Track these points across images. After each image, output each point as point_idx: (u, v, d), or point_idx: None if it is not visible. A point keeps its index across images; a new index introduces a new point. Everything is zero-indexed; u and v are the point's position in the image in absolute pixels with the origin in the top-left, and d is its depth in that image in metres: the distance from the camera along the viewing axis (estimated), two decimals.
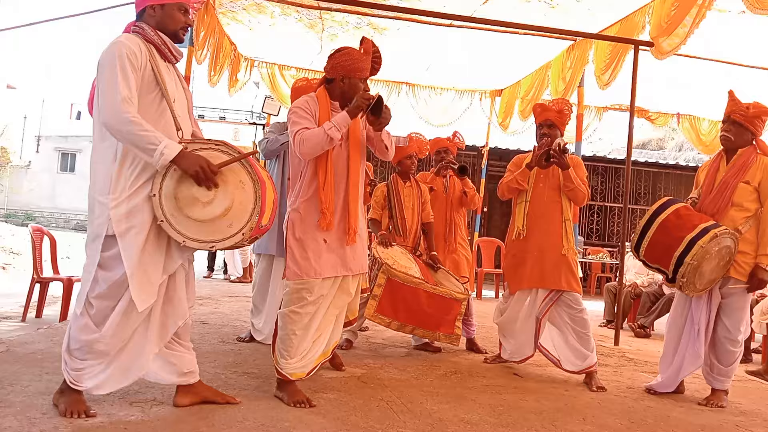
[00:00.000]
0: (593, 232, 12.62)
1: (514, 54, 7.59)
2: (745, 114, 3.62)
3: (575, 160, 4.12)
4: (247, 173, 2.61)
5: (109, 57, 2.51)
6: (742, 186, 3.56)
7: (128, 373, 2.63)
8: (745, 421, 3.33)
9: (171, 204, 2.55)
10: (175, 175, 2.55)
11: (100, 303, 2.54)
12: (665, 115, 9.58)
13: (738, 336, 3.62)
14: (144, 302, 2.54)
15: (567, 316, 3.95)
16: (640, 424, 3.12)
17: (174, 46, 2.71)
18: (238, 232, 2.59)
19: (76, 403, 2.55)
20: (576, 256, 4.06)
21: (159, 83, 2.61)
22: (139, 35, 2.62)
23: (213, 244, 2.60)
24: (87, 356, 2.55)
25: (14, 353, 3.47)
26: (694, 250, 3.37)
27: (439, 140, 5.10)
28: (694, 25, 4.97)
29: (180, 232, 2.55)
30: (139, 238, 2.53)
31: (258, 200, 2.60)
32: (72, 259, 10.42)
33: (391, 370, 3.88)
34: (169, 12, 2.67)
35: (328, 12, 6.65)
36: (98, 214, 2.55)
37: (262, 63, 8.78)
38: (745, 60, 6.82)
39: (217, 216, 2.56)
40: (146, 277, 2.55)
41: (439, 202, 4.91)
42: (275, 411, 2.80)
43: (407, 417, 2.89)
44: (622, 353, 5.23)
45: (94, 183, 2.61)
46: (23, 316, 5.18)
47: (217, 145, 2.62)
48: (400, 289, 4.07)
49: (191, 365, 2.79)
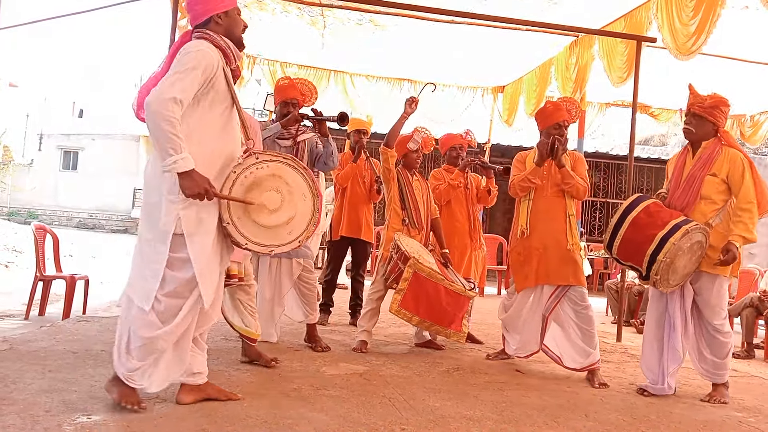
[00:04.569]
0: (595, 228, 12.61)
1: (517, 50, 7.57)
2: (702, 105, 3.65)
3: (576, 157, 4.13)
4: (309, 187, 2.80)
5: (188, 59, 2.54)
6: (710, 179, 3.56)
7: (171, 371, 2.69)
8: (748, 417, 3.33)
9: (239, 208, 2.68)
10: (246, 182, 2.67)
11: (169, 301, 2.59)
12: (668, 111, 9.54)
13: (725, 326, 3.62)
14: (210, 299, 2.63)
15: (572, 312, 3.94)
16: (642, 421, 3.12)
17: (236, 49, 2.74)
18: (295, 240, 2.78)
19: (130, 393, 2.60)
20: (581, 251, 4.06)
21: (231, 91, 2.69)
22: (208, 41, 2.64)
23: (272, 249, 2.77)
24: (147, 355, 2.60)
25: (17, 351, 3.48)
26: (667, 248, 3.37)
27: (452, 136, 5.09)
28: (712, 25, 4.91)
29: (244, 235, 2.68)
30: (208, 239, 2.61)
31: (315, 212, 2.80)
32: (74, 257, 10.44)
33: (394, 367, 3.88)
34: (233, 16, 2.72)
35: (330, 8, 6.64)
36: (166, 212, 2.57)
37: (264, 60, 8.78)
38: (749, 55, 6.79)
39: (281, 223, 2.74)
40: (213, 275, 2.66)
41: (460, 199, 4.91)
42: (278, 408, 2.81)
43: (409, 414, 2.89)
44: (624, 349, 5.24)
45: (161, 182, 2.59)
46: (26, 314, 5.20)
47: (285, 159, 2.79)
48: (424, 285, 4.04)
49: (202, 366, 2.82)
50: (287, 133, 4.12)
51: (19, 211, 25.52)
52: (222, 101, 2.67)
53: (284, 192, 2.74)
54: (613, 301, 7.23)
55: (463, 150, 5.00)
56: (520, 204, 4.14)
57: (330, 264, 5.58)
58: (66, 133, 27.94)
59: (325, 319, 5.24)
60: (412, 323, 4.14)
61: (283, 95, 4.19)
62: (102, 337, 4.01)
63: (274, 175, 2.74)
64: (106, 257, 12.15)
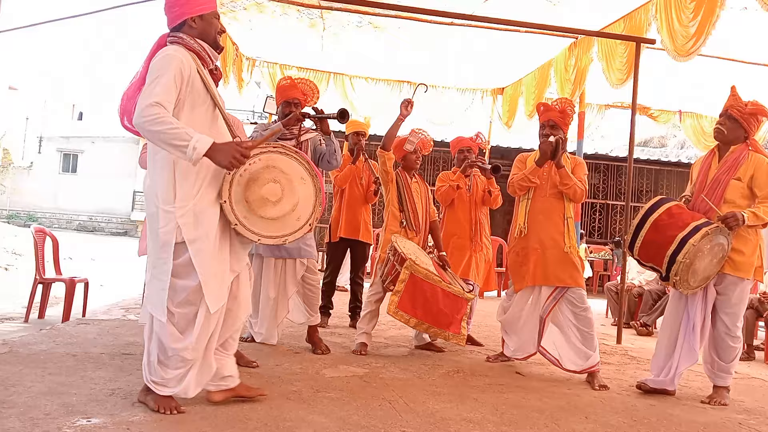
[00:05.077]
0: (595, 230, 12.61)
1: (516, 52, 7.58)
2: (742, 110, 3.65)
3: (577, 161, 4.13)
4: (305, 169, 2.83)
5: (157, 67, 2.56)
6: (734, 183, 3.58)
7: (202, 375, 2.71)
8: (748, 419, 3.33)
9: (242, 207, 2.70)
10: (242, 181, 2.69)
11: (181, 310, 2.62)
12: (667, 113, 9.55)
13: (737, 332, 3.63)
14: (216, 303, 2.64)
15: (571, 314, 3.94)
16: (642, 423, 3.11)
17: (212, 51, 2.76)
18: (306, 224, 2.82)
19: (165, 399, 2.63)
20: (578, 253, 4.06)
21: (209, 92, 2.69)
22: (181, 45, 2.66)
23: (285, 238, 2.80)
24: (180, 364, 2.63)
25: (17, 354, 3.47)
26: (686, 249, 3.39)
27: (461, 139, 5.10)
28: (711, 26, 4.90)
29: (255, 232, 2.72)
30: (208, 243, 2.62)
31: (318, 192, 2.84)
32: (74, 259, 10.43)
33: (393, 369, 3.87)
34: (209, 20, 2.73)
35: (329, 11, 6.65)
36: (164, 223, 2.59)
37: (263, 62, 8.79)
38: (749, 57, 6.80)
39: (287, 212, 2.77)
40: (217, 279, 2.65)
41: (463, 201, 4.90)
42: (278, 410, 2.80)
43: (409, 416, 2.89)
44: (624, 351, 5.23)
45: (155, 193, 2.63)
46: (26, 317, 5.19)
47: (275, 148, 2.80)
48: (421, 286, 4.04)
49: (232, 369, 2.84)
50: (290, 132, 4.12)
51: (19, 214, 25.54)
52: (202, 103, 2.68)
53: (282, 181, 2.75)
54: (613, 303, 7.23)
55: (472, 152, 5.02)
56: (518, 204, 4.15)
57: (329, 266, 5.58)
58: (66, 136, 27.97)
59: (325, 321, 5.23)
60: (409, 325, 4.14)
61: (285, 95, 4.19)
62: (101, 340, 4.00)
63: (268, 166, 2.75)
64: (106, 260, 12.15)
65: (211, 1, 2.75)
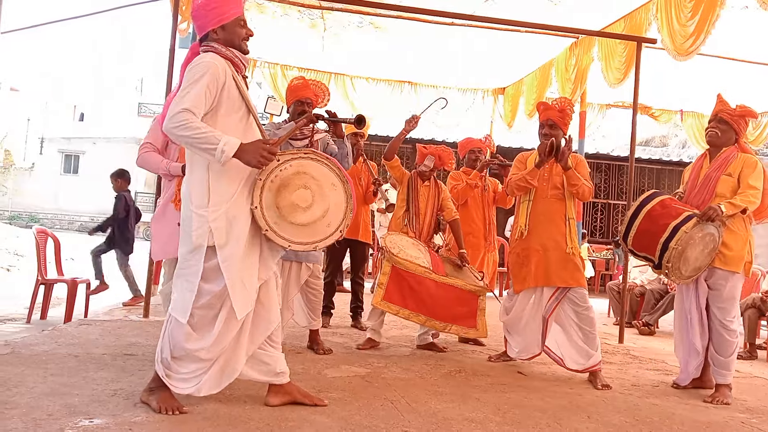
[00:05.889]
0: (597, 230, 12.60)
1: (517, 52, 7.58)
2: (732, 113, 3.81)
3: (577, 159, 4.12)
4: (336, 175, 2.81)
5: (191, 75, 2.58)
6: (725, 178, 3.72)
7: (223, 377, 2.73)
8: (751, 418, 3.32)
9: (273, 213, 2.71)
10: (273, 187, 2.70)
11: (201, 312, 2.64)
12: (668, 112, 9.55)
13: (732, 325, 3.70)
14: (243, 310, 2.65)
15: (573, 313, 3.94)
16: (645, 422, 3.11)
17: (243, 57, 2.78)
18: (336, 230, 2.82)
19: (168, 399, 2.65)
20: (580, 254, 4.05)
21: (244, 98, 2.71)
22: (214, 53, 2.68)
23: (315, 245, 2.81)
24: (192, 364, 2.65)
25: (19, 355, 3.48)
26: (678, 235, 3.50)
27: (471, 140, 5.21)
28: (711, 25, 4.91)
29: (285, 238, 2.73)
30: (237, 248, 2.63)
31: (349, 198, 2.82)
32: (76, 260, 10.44)
33: (395, 369, 3.87)
34: (231, 29, 2.73)
35: (330, 11, 6.65)
36: (197, 226, 2.61)
37: (264, 63, 8.79)
38: (750, 56, 6.79)
39: (317, 218, 2.77)
40: (244, 285, 2.66)
41: (477, 200, 5.00)
42: (280, 410, 2.80)
43: (412, 416, 2.89)
44: (626, 351, 5.22)
45: (190, 197, 2.66)
46: (28, 317, 5.21)
47: (306, 154, 2.80)
48: (405, 278, 4.10)
49: (283, 365, 2.86)
50: (301, 133, 4.10)
51: (21, 215, 25.57)
52: (237, 109, 2.70)
53: (313, 187, 2.76)
54: (615, 303, 7.22)
55: (482, 153, 5.15)
56: (519, 205, 4.15)
57: (329, 266, 5.58)
58: (67, 137, 28.02)
59: (326, 321, 5.23)
60: (400, 316, 4.17)
61: (298, 95, 4.17)
62: (103, 341, 4.01)
63: (298, 172, 2.76)
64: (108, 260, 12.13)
65: (231, 9, 2.73)
